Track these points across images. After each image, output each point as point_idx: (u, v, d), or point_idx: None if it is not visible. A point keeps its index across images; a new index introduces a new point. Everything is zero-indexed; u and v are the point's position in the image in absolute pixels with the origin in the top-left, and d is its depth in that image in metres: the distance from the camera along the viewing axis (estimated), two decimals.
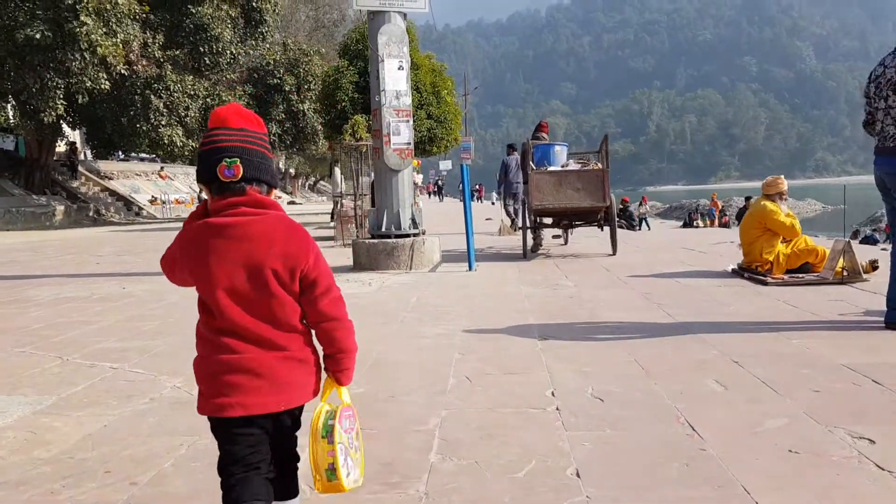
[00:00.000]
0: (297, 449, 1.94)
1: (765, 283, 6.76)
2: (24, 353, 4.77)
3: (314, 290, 1.86)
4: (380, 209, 9.23)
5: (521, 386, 3.56)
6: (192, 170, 50.01)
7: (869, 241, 24.04)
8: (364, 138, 13.20)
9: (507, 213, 17.19)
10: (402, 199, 9.13)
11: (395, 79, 9.02)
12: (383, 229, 9.09)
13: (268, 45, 30.57)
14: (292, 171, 74.88)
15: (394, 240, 8.97)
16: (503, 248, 12.41)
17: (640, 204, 36.48)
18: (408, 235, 9.06)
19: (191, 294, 1.91)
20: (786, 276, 6.97)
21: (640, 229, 24.36)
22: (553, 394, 3.42)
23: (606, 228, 10.51)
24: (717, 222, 35.95)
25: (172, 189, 44.53)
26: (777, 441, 2.70)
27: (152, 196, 39.90)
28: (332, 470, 1.79)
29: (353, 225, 13.41)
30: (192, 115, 27.50)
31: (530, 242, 10.82)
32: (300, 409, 1.89)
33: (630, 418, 3.02)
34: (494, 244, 13.21)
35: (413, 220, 9.20)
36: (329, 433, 1.80)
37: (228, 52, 27.78)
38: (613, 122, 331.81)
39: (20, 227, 26.85)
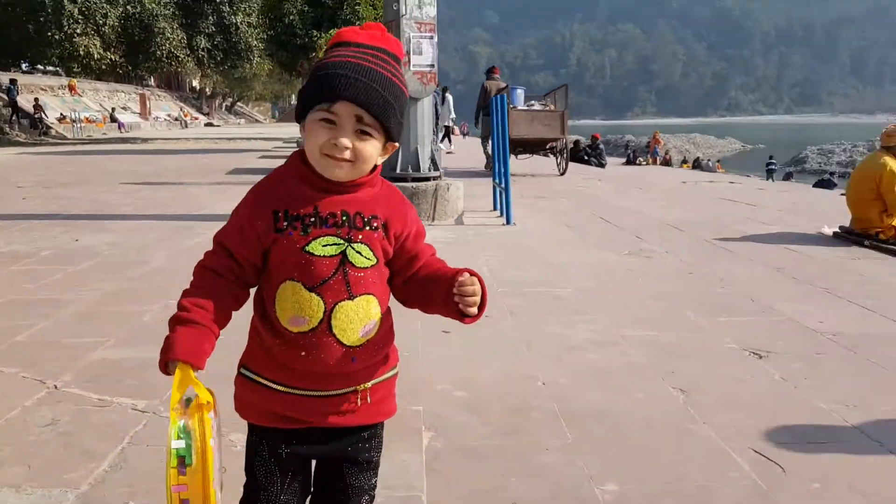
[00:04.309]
0: None
1: None
2: None
3: None
4: None
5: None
6: (104, 86, 45.87)
7: (825, 185, 23.59)
8: None
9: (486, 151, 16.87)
10: (422, 135, 7.50)
11: None
12: (398, 171, 7.46)
13: None
14: (208, 90, 70.31)
15: (412, 184, 7.36)
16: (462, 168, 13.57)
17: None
18: (427, 179, 7.47)
19: (175, 253, 1.73)
20: None
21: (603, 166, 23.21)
22: None
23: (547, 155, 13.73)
24: (658, 160, 35.29)
25: (82, 106, 40.64)
26: None
27: (61, 114, 36.17)
28: None
29: None
30: (111, 23, 24.42)
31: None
32: None
33: None
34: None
35: (433, 160, 7.60)
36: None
37: None
38: (535, 54, 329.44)
39: None
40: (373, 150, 1.33)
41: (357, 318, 1.36)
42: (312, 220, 1.34)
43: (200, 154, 19.92)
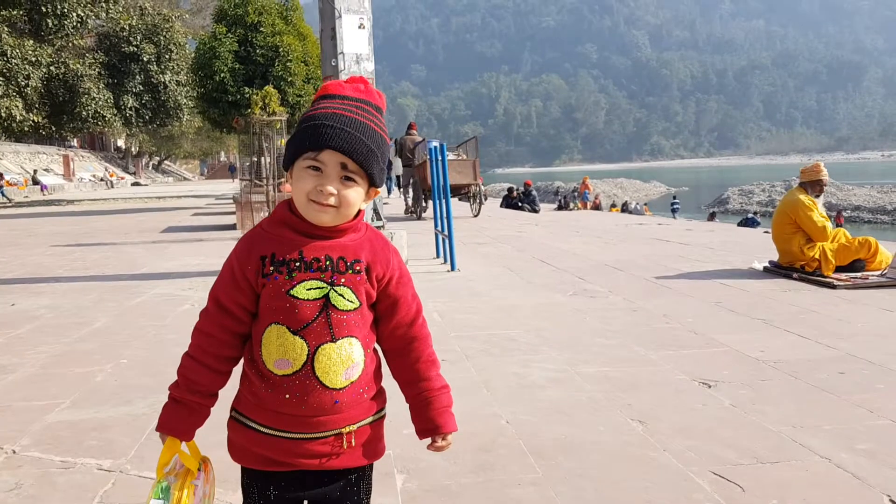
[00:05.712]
0: None
1: (832, 286, 5.87)
2: None
3: None
4: None
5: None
6: (24, 147, 44.72)
7: (749, 223, 24.59)
8: (278, 112, 11.40)
9: (406, 199, 17.75)
10: None
11: (355, 39, 7.45)
12: None
13: (121, 9, 27.13)
14: (134, 149, 69.12)
15: None
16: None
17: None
18: None
19: (119, 313, 2.21)
20: (843, 276, 6.12)
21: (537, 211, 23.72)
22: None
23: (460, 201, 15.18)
24: (589, 205, 36.20)
25: (2, 168, 39.49)
26: None
27: None
28: None
29: (267, 212, 11.60)
30: (34, 84, 23.91)
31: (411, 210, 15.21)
32: None
33: None
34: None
35: (375, 210, 7.69)
36: None
37: (75, 13, 24.28)
38: (463, 105, 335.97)
39: None
40: (357, 196, 1.41)
41: (339, 361, 1.41)
42: (297, 264, 1.41)
43: (131, 213, 19.56)
